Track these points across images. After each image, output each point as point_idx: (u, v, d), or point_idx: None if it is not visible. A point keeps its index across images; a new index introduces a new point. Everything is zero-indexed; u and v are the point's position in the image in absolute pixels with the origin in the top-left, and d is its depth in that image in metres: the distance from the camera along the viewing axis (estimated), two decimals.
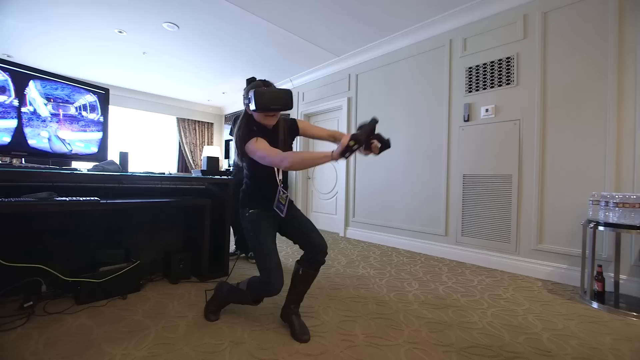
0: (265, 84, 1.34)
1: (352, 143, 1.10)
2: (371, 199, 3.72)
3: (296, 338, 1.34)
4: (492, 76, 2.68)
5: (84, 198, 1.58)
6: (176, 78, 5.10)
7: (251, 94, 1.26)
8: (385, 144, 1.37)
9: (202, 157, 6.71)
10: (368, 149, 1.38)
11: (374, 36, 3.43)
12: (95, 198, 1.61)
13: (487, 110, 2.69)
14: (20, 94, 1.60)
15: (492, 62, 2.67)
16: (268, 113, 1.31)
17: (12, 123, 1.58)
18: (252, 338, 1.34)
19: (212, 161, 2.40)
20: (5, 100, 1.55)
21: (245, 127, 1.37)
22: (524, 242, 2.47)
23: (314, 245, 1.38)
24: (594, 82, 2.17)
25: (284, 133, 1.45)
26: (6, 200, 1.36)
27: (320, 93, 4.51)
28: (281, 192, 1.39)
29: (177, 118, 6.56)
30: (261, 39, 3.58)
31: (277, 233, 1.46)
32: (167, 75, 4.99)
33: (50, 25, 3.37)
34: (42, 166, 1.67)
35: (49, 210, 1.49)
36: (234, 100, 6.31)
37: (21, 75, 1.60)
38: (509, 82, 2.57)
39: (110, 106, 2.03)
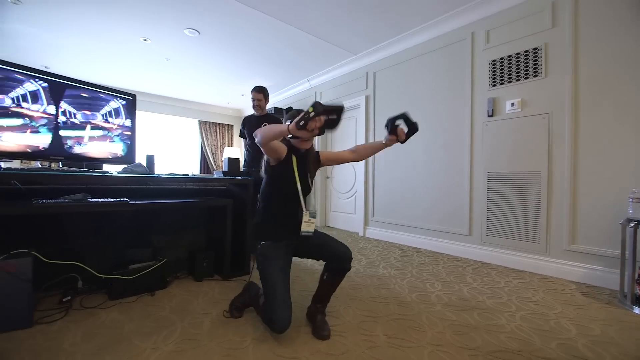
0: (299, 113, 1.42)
1: (310, 109, 1.04)
2: (391, 198, 3.66)
3: (316, 334, 1.35)
4: (517, 68, 2.56)
5: (115, 199, 1.66)
6: (197, 82, 5.26)
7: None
8: (413, 127, 1.36)
9: (222, 159, 6.89)
10: (393, 134, 1.38)
11: (391, 33, 3.38)
12: (125, 199, 1.70)
13: (512, 104, 2.57)
14: (57, 102, 1.71)
15: (517, 54, 2.55)
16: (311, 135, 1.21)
17: (51, 130, 1.69)
18: (274, 336, 1.36)
19: (233, 162, 2.45)
20: (44, 109, 1.66)
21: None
22: (554, 242, 2.35)
23: (339, 255, 1.40)
24: (631, 70, 2.02)
25: (312, 160, 1.52)
26: (46, 201, 1.46)
27: (337, 92, 4.49)
28: (306, 214, 1.41)
29: (199, 121, 6.77)
30: (279, 41, 3.62)
31: (296, 257, 1.48)
32: (189, 80, 5.16)
33: (81, 37, 3.58)
34: (77, 170, 1.78)
35: (83, 211, 1.58)
36: None
37: (58, 85, 1.71)
38: (537, 74, 2.44)
39: (136, 111, 2.12)
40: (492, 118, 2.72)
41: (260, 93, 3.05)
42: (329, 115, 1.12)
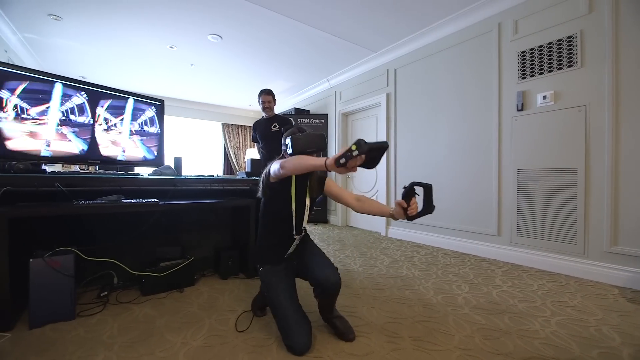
0: (300, 129, 1.40)
1: (353, 147, 0.95)
2: None
3: (341, 337, 1.34)
4: (549, 59, 2.41)
5: (146, 200, 1.75)
6: (220, 86, 5.42)
7: (288, 140, 1.30)
8: (429, 206, 1.28)
9: (245, 160, 7.05)
10: (406, 199, 1.30)
11: (412, 28, 3.30)
12: (155, 200, 1.78)
13: (544, 97, 2.43)
14: (94, 110, 1.82)
15: (549, 43, 2.41)
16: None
17: (88, 135, 1.81)
18: None
19: (256, 163, 2.51)
20: (83, 116, 1.78)
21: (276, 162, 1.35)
22: (593, 243, 2.19)
23: (321, 283, 1.31)
24: None
25: (315, 180, 1.48)
26: (85, 202, 1.57)
27: (357, 91, 4.46)
28: (297, 241, 1.40)
29: (222, 123, 6.97)
30: (298, 42, 3.65)
31: (298, 278, 1.46)
32: (212, 84, 5.33)
33: (113, 47, 3.80)
34: (112, 172, 1.89)
35: (118, 211, 1.68)
36: None
37: (95, 94, 1.83)
38: (571, 64, 2.29)
39: (164, 116, 2.22)
40: (522, 112, 2.58)
41: (270, 95, 3.23)
42: (372, 155, 1.02)
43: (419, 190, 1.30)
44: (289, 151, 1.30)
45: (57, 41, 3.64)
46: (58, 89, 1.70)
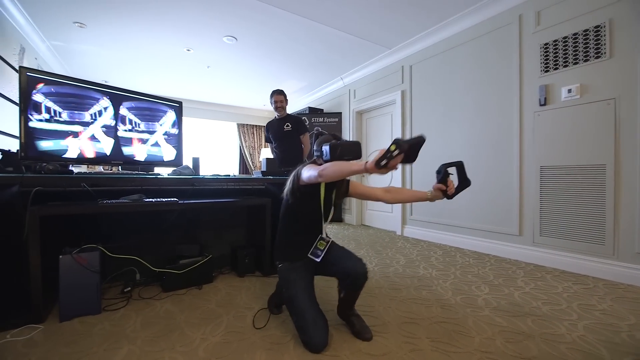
0: (335, 137, 1.41)
1: (392, 147, 0.95)
2: None
3: (358, 336, 1.33)
4: (575, 51, 2.30)
5: (165, 199, 1.80)
6: (236, 87, 5.51)
7: (325, 147, 1.30)
8: (465, 181, 1.33)
9: (260, 159, 7.13)
10: (443, 182, 1.36)
11: (428, 23, 3.23)
12: (174, 199, 1.83)
13: (569, 90, 2.32)
14: (117, 112, 1.89)
15: (574, 34, 2.30)
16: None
17: (112, 137, 1.88)
18: None
19: (271, 162, 2.53)
20: (107, 119, 1.85)
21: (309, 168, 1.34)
22: (624, 243, 2.08)
23: (349, 273, 1.32)
24: None
25: (341, 187, 1.51)
26: (109, 201, 1.63)
27: (372, 89, 4.42)
28: (321, 239, 1.41)
29: (237, 124, 7.08)
30: (311, 41, 3.65)
31: (317, 275, 1.47)
32: (227, 85, 5.42)
33: (133, 51, 3.93)
34: (134, 172, 1.95)
35: (139, 210, 1.73)
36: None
37: (117, 97, 1.90)
38: (599, 55, 2.18)
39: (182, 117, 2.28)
40: (545, 107, 2.48)
41: (282, 95, 3.27)
42: (412, 150, 1.02)
43: (452, 170, 1.40)
44: (326, 157, 1.31)
45: (81, 47, 3.80)
46: (86, 93, 1.78)
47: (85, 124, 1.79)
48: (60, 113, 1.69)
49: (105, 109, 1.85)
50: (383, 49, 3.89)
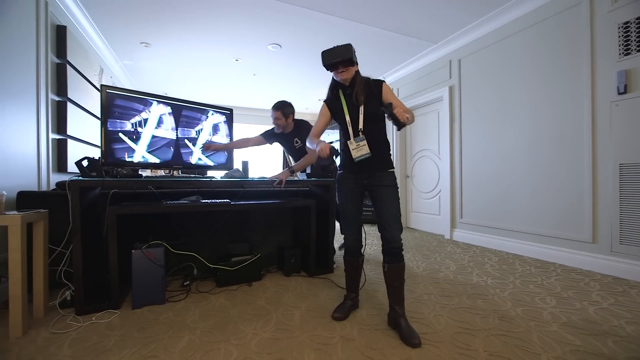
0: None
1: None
2: (482, 197, 3.27)
3: (406, 342, 1.29)
4: None
5: (219, 200, 1.93)
6: (279, 92, 5.70)
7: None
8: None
9: None
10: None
11: (478, 13, 3.02)
12: (227, 200, 1.95)
13: None
14: (177, 121, 2.08)
15: None
16: (331, 70, 1.54)
17: (173, 143, 2.07)
18: (362, 336, 1.36)
19: (314, 165, 2.56)
20: (169, 127, 2.05)
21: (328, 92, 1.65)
22: None
23: (382, 234, 1.47)
24: None
25: (360, 89, 1.54)
26: (171, 202, 1.80)
27: (416, 86, 4.25)
28: (351, 144, 1.50)
29: None
30: (353, 42, 3.60)
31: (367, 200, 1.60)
32: (272, 91, 5.63)
33: (188, 65, 4.29)
34: (192, 176, 2.13)
35: (197, 210, 1.89)
36: None
37: (178, 107, 2.09)
38: None
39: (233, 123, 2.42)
40: (625, 96, 2.16)
41: (279, 110, 2.46)
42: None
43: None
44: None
45: (146, 64, 4.26)
46: (153, 105, 1.99)
47: (152, 133, 1.99)
48: (131, 122, 1.90)
49: (168, 118, 2.05)
50: (428, 44, 3.72)
